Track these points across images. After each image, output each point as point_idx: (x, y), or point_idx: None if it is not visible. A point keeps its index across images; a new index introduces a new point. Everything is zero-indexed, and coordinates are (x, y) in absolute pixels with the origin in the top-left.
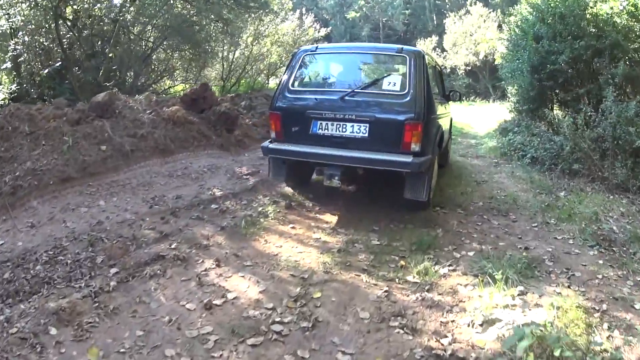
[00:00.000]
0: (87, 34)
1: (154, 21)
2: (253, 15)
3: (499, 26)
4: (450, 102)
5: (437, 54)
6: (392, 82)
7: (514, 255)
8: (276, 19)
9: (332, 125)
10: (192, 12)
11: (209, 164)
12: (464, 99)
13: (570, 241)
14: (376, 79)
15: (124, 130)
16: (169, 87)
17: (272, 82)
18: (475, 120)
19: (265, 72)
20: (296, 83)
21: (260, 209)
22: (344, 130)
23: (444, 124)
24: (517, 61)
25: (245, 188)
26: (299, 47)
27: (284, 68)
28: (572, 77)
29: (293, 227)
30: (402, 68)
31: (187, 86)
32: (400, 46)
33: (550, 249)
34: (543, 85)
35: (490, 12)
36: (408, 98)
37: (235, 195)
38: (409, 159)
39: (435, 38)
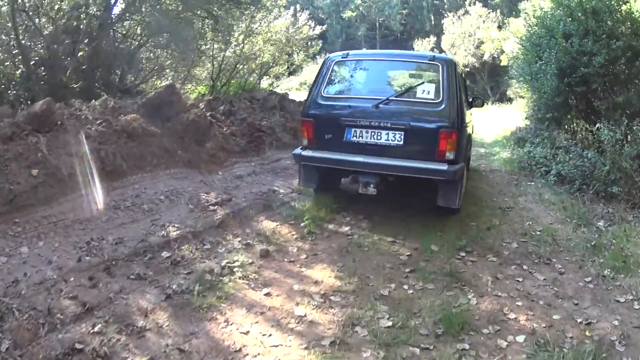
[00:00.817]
0: (53, 29)
1: (140, 17)
2: (245, 12)
3: (499, 27)
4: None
5: None
6: (427, 90)
7: (576, 343)
8: (269, 16)
9: (367, 132)
10: (180, 8)
11: (169, 189)
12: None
13: (636, 305)
14: (410, 87)
15: (64, 147)
16: (158, 88)
17: (265, 82)
18: (479, 125)
19: (257, 71)
20: (328, 90)
21: (225, 260)
22: (379, 137)
23: (471, 131)
24: (539, 62)
25: (211, 224)
26: (293, 45)
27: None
28: (609, 82)
29: (268, 294)
30: (435, 76)
31: (178, 86)
32: (432, 54)
33: (616, 322)
34: (572, 90)
35: (489, 13)
36: (443, 106)
37: (195, 236)
38: (444, 166)
39: (433, 39)
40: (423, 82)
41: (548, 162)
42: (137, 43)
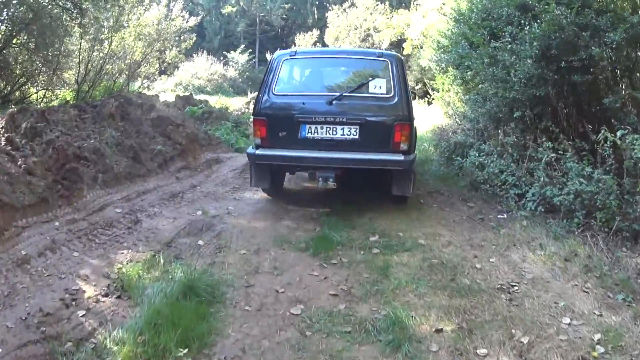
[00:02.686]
0: None
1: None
2: (112, 2)
3: (388, 19)
4: None
5: None
6: (378, 86)
7: None
8: (139, 8)
9: (322, 128)
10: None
11: None
12: None
13: None
14: (362, 82)
15: None
16: (29, 96)
17: (137, 84)
18: None
19: (126, 72)
20: (279, 88)
21: None
22: (334, 133)
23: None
24: (501, 41)
25: None
26: (165, 40)
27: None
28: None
29: None
30: (385, 72)
31: (50, 94)
32: (380, 51)
33: None
34: (563, 80)
35: (377, 4)
36: (395, 100)
37: None
38: (400, 157)
39: (316, 32)
40: (374, 78)
41: (518, 183)
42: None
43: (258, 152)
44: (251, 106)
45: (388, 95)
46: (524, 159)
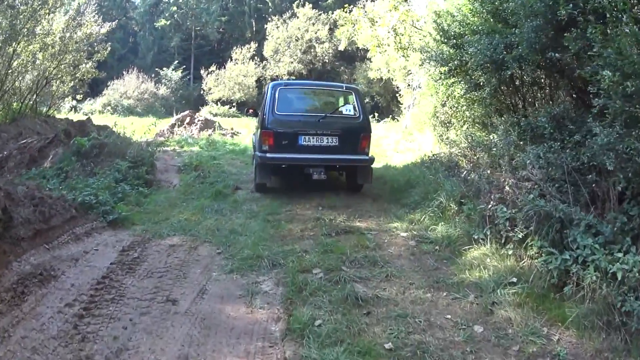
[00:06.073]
0: None
1: None
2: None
3: (330, 29)
4: None
5: (256, 64)
6: (348, 109)
7: None
8: (41, 10)
9: (313, 138)
10: None
11: None
12: None
13: None
14: (337, 107)
15: None
16: None
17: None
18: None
19: (28, 93)
20: (279, 108)
21: None
22: (322, 141)
23: None
24: None
25: None
26: (71, 51)
27: None
28: None
29: None
30: (351, 99)
31: None
32: (344, 84)
33: None
34: None
35: (320, 14)
36: (361, 119)
37: None
38: (365, 157)
39: (254, 45)
40: (345, 104)
41: None
42: None
43: (268, 155)
44: (176, 130)
45: (355, 115)
46: None
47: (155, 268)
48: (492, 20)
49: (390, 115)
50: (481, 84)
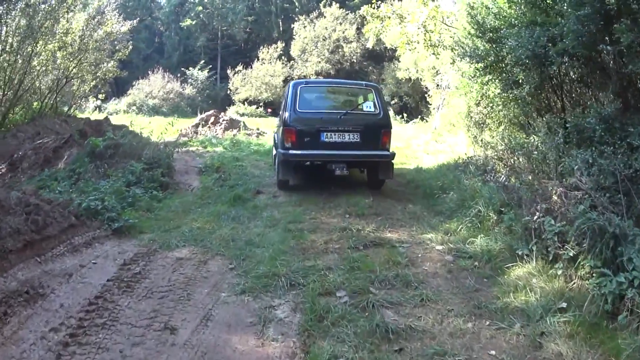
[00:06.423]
0: None
1: None
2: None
3: (358, 28)
4: None
5: (283, 64)
6: (369, 106)
7: None
8: (58, 11)
9: (335, 134)
10: None
11: None
12: None
13: None
14: (358, 104)
15: None
16: None
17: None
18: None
19: (49, 92)
20: (301, 106)
21: None
22: (343, 137)
23: None
24: None
25: None
26: (88, 50)
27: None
28: None
29: None
30: (371, 96)
31: None
32: (364, 82)
33: None
34: None
35: (347, 14)
36: (381, 115)
37: None
38: (386, 152)
39: (281, 45)
40: (365, 101)
41: None
42: None
43: (291, 152)
44: (200, 130)
45: (376, 112)
46: None
47: (156, 287)
48: (532, 11)
49: (420, 116)
50: (520, 81)
